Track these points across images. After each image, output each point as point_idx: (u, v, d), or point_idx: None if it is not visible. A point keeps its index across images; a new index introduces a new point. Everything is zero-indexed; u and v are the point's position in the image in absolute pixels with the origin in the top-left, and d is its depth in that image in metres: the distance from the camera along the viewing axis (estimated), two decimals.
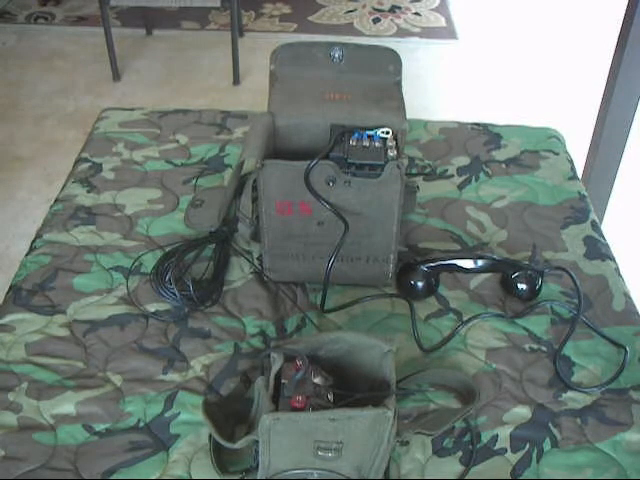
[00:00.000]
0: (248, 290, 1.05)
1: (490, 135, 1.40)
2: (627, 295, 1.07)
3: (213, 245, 1.11)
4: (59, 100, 2.80)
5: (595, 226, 1.19)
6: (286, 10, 3.45)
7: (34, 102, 2.79)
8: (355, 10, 3.47)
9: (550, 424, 0.89)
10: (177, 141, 1.36)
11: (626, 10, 1.67)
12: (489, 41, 3.26)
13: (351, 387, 0.81)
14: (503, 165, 1.32)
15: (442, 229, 1.17)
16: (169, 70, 3.01)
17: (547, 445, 0.86)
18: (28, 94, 2.83)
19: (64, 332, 0.98)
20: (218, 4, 2.76)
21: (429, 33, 3.30)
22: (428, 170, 1.30)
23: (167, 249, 1.10)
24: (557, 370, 0.95)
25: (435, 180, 1.28)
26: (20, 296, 1.03)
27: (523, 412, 0.90)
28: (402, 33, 3.30)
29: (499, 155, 1.34)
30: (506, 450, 0.86)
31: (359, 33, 3.28)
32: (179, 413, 0.89)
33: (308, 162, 0.92)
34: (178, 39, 3.22)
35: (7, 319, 1.00)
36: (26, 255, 1.11)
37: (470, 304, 1.04)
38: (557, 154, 1.36)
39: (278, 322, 1.01)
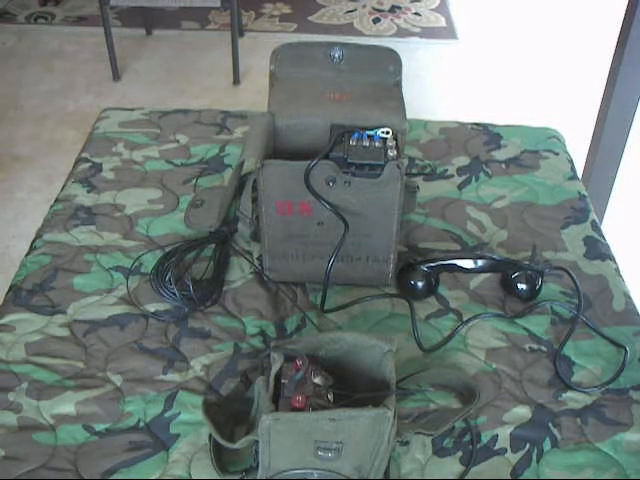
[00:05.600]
0: (248, 290, 1.05)
1: (490, 135, 1.40)
2: (627, 295, 1.07)
3: (213, 245, 1.11)
4: (59, 100, 2.80)
5: (595, 226, 1.19)
6: (286, 10, 3.45)
7: (34, 102, 2.79)
8: (355, 10, 3.47)
9: (550, 424, 0.89)
10: (177, 141, 1.36)
11: (626, 10, 1.67)
12: (489, 41, 3.26)
13: (351, 387, 0.81)
14: (503, 165, 1.32)
15: (442, 229, 1.17)
16: (169, 70, 3.01)
17: (547, 445, 0.86)
18: (28, 94, 2.83)
19: (64, 332, 0.98)
20: (218, 4, 2.76)
21: (429, 33, 3.30)
22: (428, 170, 1.30)
23: (167, 249, 1.10)
24: (557, 370, 0.95)
25: (435, 180, 1.28)
26: (20, 296, 1.03)
27: (523, 412, 0.90)
28: (402, 33, 3.30)
29: (499, 155, 1.34)
30: (506, 450, 0.86)
31: (359, 33, 3.28)
32: (179, 413, 0.89)
33: (308, 162, 0.92)
34: (178, 39, 3.22)
35: (7, 319, 1.00)
36: (26, 255, 1.11)
37: (470, 304, 1.04)
38: (557, 154, 1.36)
39: (278, 322, 1.01)
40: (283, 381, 0.78)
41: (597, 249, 1.15)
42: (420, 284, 1.04)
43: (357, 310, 1.03)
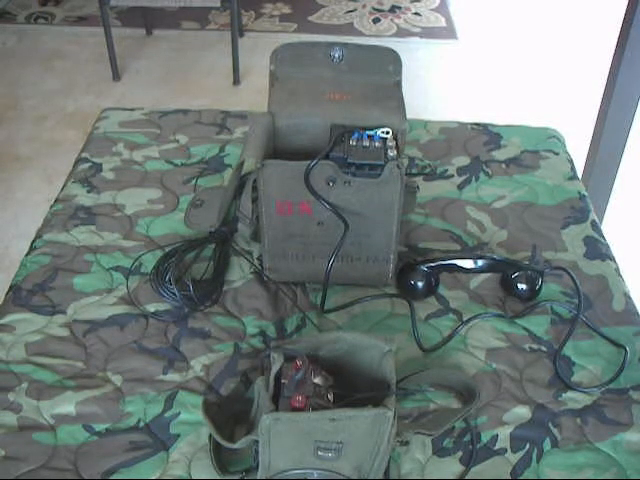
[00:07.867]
0: (248, 290, 1.05)
1: (490, 135, 1.40)
2: (627, 295, 1.07)
3: (213, 245, 1.11)
4: (59, 100, 2.80)
5: (595, 226, 1.19)
6: (286, 10, 3.45)
7: (34, 102, 2.79)
8: (355, 10, 3.47)
9: (550, 424, 0.89)
10: (177, 141, 1.36)
11: (626, 10, 1.67)
12: (489, 41, 3.26)
13: (351, 387, 0.81)
14: (503, 165, 1.32)
15: (442, 229, 1.17)
16: (169, 70, 3.01)
17: (547, 445, 0.86)
18: (28, 94, 2.83)
19: (64, 332, 0.98)
20: (218, 4, 2.76)
21: (429, 33, 3.30)
22: (428, 170, 1.30)
23: (167, 249, 1.10)
24: (557, 370, 0.95)
25: (435, 180, 1.28)
26: (20, 296, 1.03)
27: (523, 412, 0.90)
28: (402, 33, 3.30)
29: (499, 155, 1.34)
30: (506, 450, 0.86)
31: (359, 33, 3.28)
32: (179, 413, 0.89)
33: (308, 162, 0.92)
34: (178, 39, 3.22)
35: (7, 319, 1.00)
36: (26, 255, 1.11)
37: (470, 304, 1.04)
38: (557, 154, 1.36)
39: (278, 322, 1.01)
40: (283, 381, 0.78)
41: (597, 249, 1.15)
42: (420, 284, 1.04)
43: (357, 310, 1.03)
